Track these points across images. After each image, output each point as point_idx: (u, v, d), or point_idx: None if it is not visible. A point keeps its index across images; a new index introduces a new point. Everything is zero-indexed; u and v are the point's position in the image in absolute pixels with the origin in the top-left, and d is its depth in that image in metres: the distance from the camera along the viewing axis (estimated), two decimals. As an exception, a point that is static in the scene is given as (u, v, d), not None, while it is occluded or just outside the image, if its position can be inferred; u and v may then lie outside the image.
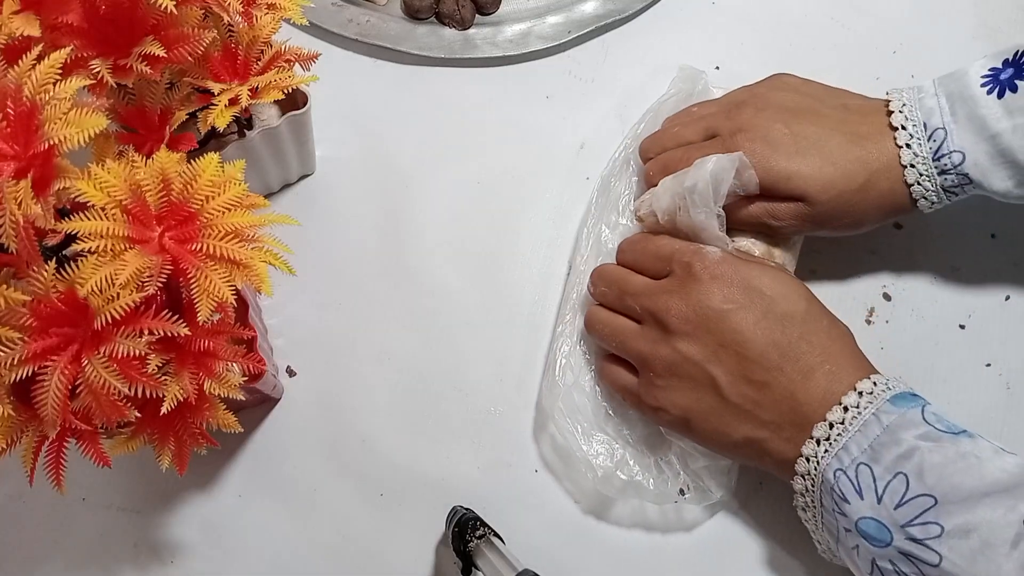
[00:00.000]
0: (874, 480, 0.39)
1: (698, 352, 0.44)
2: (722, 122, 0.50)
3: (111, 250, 0.33)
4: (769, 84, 0.52)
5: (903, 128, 0.47)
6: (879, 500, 0.39)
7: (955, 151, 0.45)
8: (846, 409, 0.41)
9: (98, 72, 0.37)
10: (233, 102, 0.42)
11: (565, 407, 0.49)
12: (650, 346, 0.46)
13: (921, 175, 0.46)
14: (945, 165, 0.46)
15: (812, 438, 0.41)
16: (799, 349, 0.43)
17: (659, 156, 0.52)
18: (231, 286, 0.34)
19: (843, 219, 0.48)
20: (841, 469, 0.40)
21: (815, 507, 0.42)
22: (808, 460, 0.41)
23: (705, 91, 0.56)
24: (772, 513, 0.49)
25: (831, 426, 0.41)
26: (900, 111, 0.47)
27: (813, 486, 0.42)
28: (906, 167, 0.47)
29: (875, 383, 0.41)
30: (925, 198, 0.47)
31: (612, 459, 0.48)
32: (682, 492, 0.48)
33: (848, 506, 0.40)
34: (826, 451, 0.41)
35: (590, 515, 0.50)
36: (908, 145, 0.46)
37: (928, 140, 0.46)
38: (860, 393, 0.41)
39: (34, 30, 0.35)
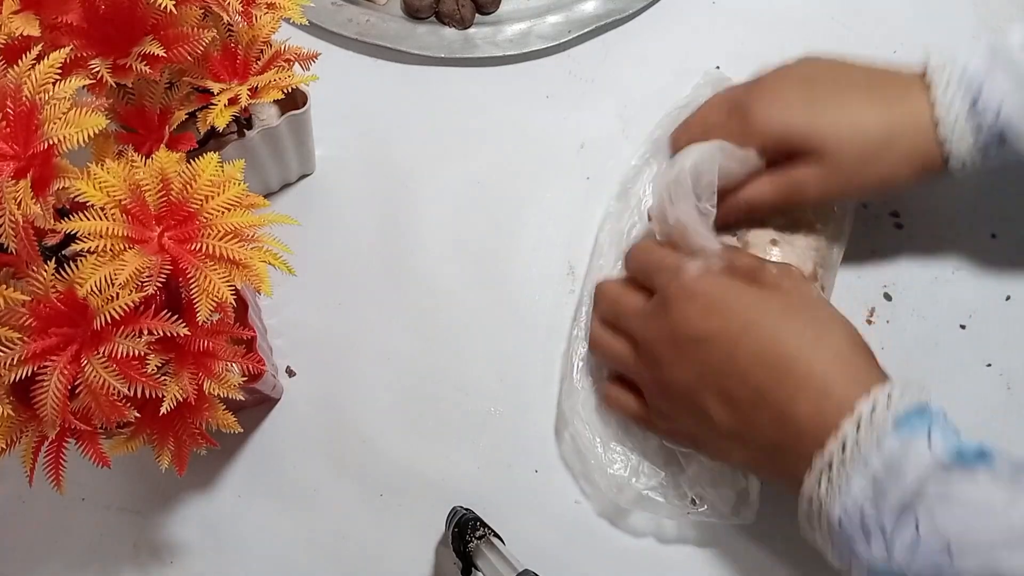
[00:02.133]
0: (882, 530, 0.36)
1: (684, 378, 0.43)
2: (741, 95, 0.49)
3: (110, 250, 0.33)
4: (795, 60, 0.50)
5: (936, 83, 0.45)
6: (888, 551, 0.35)
7: (990, 105, 0.44)
8: (844, 444, 0.37)
9: (98, 72, 0.37)
10: (233, 102, 0.42)
11: (583, 412, 0.49)
12: (645, 372, 0.45)
13: (953, 131, 0.45)
14: (979, 122, 0.44)
15: (812, 469, 0.38)
16: (787, 365, 0.40)
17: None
18: (230, 286, 0.34)
19: (869, 176, 0.46)
20: (844, 511, 0.37)
21: (824, 534, 0.39)
22: (809, 499, 0.38)
23: None
24: (790, 532, 0.49)
25: (829, 463, 0.37)
26: (935, 68, 0.46)
27: (819, 520, 0.39)
28: (938, 123, 0.45)
29: (875, 405, 0.37)
30: (956, 157, 0.45)
31: (627, 469, 0.48)
32: (694, 503, 0.47)
33: (857, 547, 0.36)
34: (826, 490, 0.37)
35: (603, 519, 0.50)
36: (941, 101, 0.45)
37: (962, 93, 0.45)
38: (859, 420, 0.37)
39: (34, 30, 0.35)
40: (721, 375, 0.41)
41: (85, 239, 0.32)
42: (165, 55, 0.38)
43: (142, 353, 0.33)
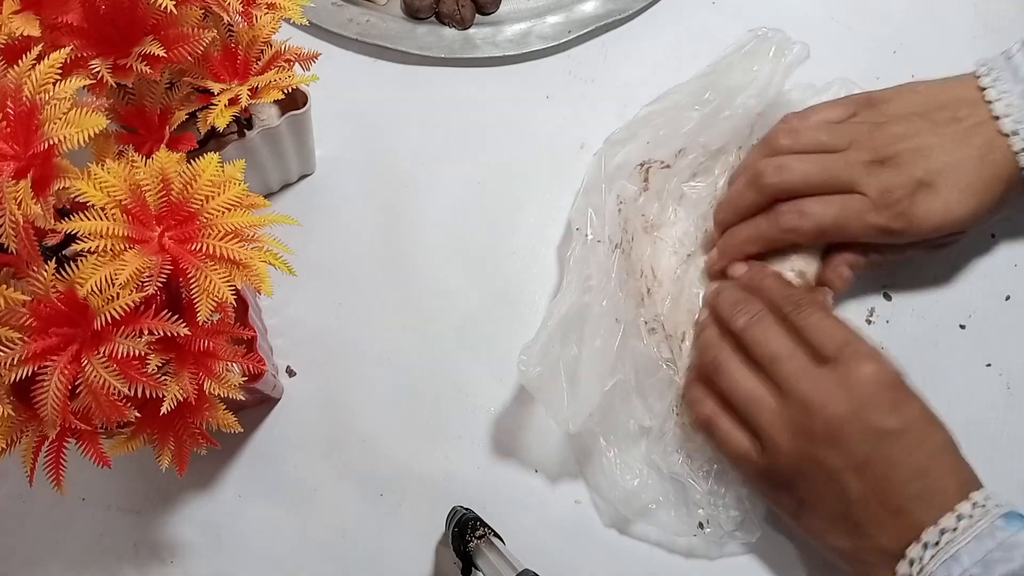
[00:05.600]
0: None
1: (839, 462, 0.41)
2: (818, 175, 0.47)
3: (111, 250, 0.33)
4: (872, 116, 0.49)
5: (997, 98, 0.46)
6: None
7: None
8: (959, 517, 0.39)
9: (98, 72, 0.37)
10: (233, 102, 0.42)
11: (597, 421, 0.48)
12: (786, 434, 0.42)
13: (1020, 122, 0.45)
14: None
15: (919, 541, 0.39)
16: (924, 466, 0.41)
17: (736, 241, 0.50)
18: (231, 286, 0.34)
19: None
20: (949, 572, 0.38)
21: None
22: (912, 563, 0.39)
23: (789, 71, 0.53)
24: (791, 550, 0.49)
25: (942, 532, 0.39)
26: (990, 83, 0.47)
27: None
28: (1009, 135, 0.46)
29: (987, 496, 0.40)
30: None
31: (636, 482, 0.48)
32: (701, 527, 0.47)
33: None
34: (933, 556, 0.39)
35: (611, 528, 0.50)
36: (1007, 114, 0.46)
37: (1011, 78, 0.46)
38: (974, 504, 0.39)
39: (34, 30, 0.35)
40: (874, 464, 0.41)
41: (85, 239, 0.32)
42: (165, 55, 0.38)
43: (142, 353, 0.33)
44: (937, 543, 0.39)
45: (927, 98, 0.48)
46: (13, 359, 0.31)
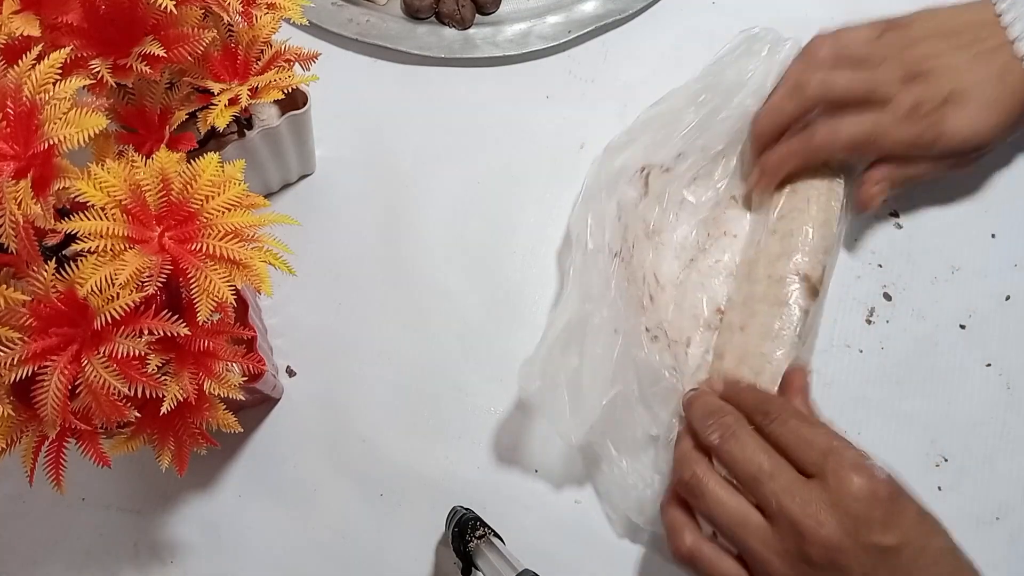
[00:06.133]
0: None
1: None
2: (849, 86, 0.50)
3: (111, 250, 0.33)
4: (898, 38, 0.51)
5: (1011, 23, 0.48)
6: None
7: None
8: None
9: (98, 72, 0.37)
10: (233, 102, 0.42)
11: (607, 430, 0.48)
12: (781, 561, 0.39)
13: None
14: None
15: None
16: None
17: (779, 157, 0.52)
18: (231, 286, 0.34)
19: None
20: None
21: None
22: None
23: (783, 69, 0.53)
24: None
25: None
26: (1006, 8, 0.49)
27: None
28: (1022, 60, 0.48)
29: None
30: None
31: (648, 488, 0.48)
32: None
33: None
34: None
35: (624, 538, 0.50)
36: (1021, 38, 0.48)
37: None
38: None
39: (34, 30, 0.35)
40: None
41: (85, 239, 0.32)
42: (165, 55, 0.38)
43: (142, 353, 0.33)
44: None
45: (947, 21, 0.51)
46: (13, 359, 0.31)
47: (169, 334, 0.34)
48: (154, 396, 0.34)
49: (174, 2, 0.36)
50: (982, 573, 0.40)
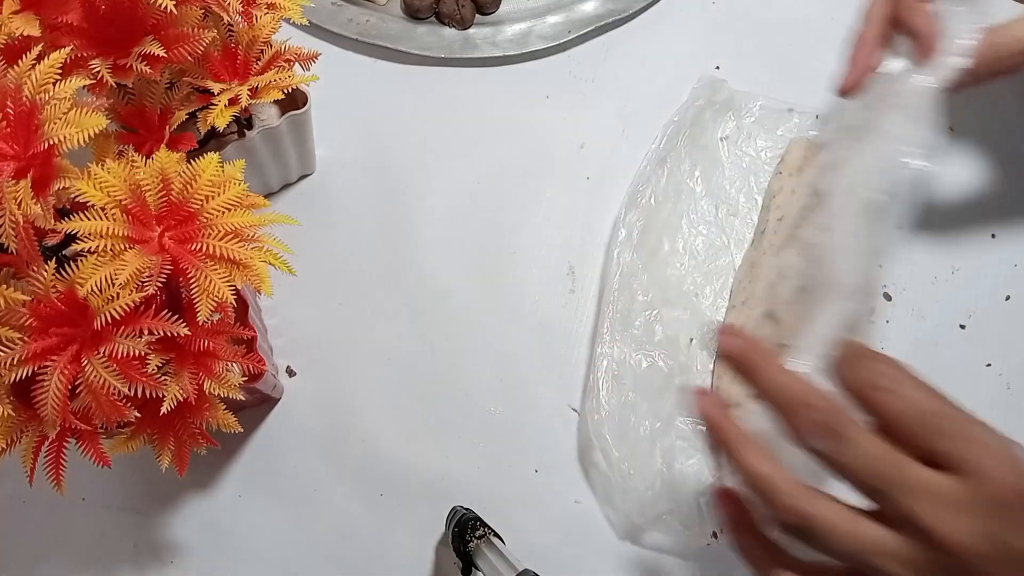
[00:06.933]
0: None
1: None
2: None
3: (111, 250, 0.33)
4: None
5: None
6: None
7: None
8: None
9: (98, 72, 0.37)
10: (233, 102, 0.42)
11: (609, 431, 0.49)
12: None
13: None
14: None
15: None
16: None
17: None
18: (231, 286, 0.34)
19: None
20: None
21: None
22: None
23: (730, 102, 0.55)
24: None
25: None
26: None
27: None
28: None
29: None
30: None
31: (650, 490, 0.48)
32: (715, 535, 0.47)
33: None
34: None
35: (625, 539, 0.49)
36: None
37: None
38: None
39: (34, 30, 0.35)
40: None
41: (85, 239, 0.32)
42: (165, 55, 0.38)
43: (142, 353, 0.33)
44: None
45: None
46: (13, 359, 0.31)
47: (169, 334, 0.34)
48: (154, 396, 0.34)
49: (174, 2, 0.36)
50: None
